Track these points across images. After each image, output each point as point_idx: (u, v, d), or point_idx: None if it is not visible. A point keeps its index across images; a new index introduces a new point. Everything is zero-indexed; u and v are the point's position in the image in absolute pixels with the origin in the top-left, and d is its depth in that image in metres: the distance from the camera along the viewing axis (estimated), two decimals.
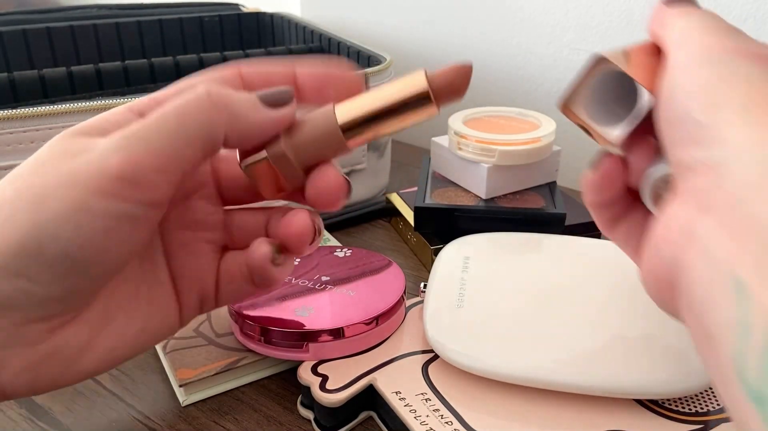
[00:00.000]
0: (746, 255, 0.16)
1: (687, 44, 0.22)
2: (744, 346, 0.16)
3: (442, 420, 0.28)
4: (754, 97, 0.18)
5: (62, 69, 0.53)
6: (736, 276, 0.16)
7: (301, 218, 0.27)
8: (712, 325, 0.17)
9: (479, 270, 0.37)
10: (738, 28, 0.22)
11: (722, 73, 0.20)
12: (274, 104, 0.25)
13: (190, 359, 0.34)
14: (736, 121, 0.18)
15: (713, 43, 0.21)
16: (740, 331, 0.16)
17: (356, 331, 0.33)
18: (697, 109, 0.19)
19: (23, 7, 0.81)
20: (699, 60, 0.21)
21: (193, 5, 0.75)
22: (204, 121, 0.23)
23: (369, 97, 0.25)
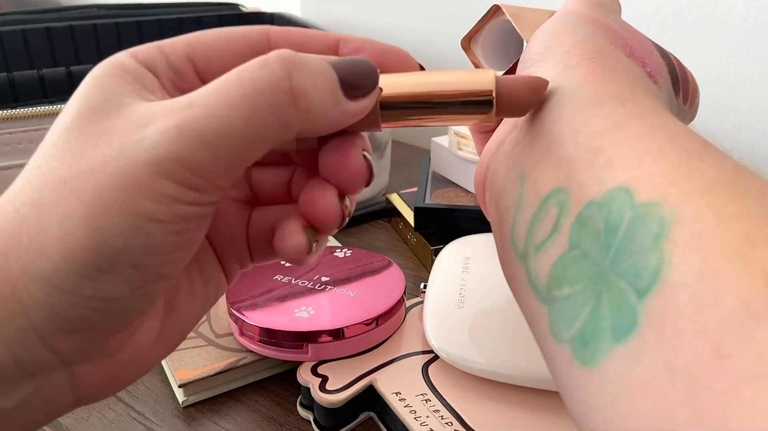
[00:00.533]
0: (531, 155, 0.21)
1: (562, 8, 0.27)
2: (517, 219, 0.21)
3: (442, 421, 0.28)
4: (576, 46, 0.23)
5: (62, 69, 0.53)
6: (522, 170, 0.21)
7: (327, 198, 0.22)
8: (502, 207, 0.22)
9: (479, 271, 0.37)
10: (609, 6, 0.28)
11: (563, 26, 0.24)
12: (356, 93, 0.20)
13: (190, 360, 0.34)
14: (557, 62, 0.22)
15: (576, 8, 0.26)
16: (516, 208, 0.21)
17: (356, 332, 0.33)
18: (538, 50, 0.24)
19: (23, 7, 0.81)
20: (557, 17, 0.25)
21: (192, 5, 0.75)
22: (280, 123, 0.19)
23: (419, 78, 0.22)
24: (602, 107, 0.20)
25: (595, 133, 0.19)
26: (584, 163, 0.19)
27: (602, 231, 0.17)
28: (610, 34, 0.24)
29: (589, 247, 0.17)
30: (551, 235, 0.19)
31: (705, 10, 0.52)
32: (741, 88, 0.51)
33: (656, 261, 0.15)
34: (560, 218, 0.19)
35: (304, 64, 0.19)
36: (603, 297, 0.16)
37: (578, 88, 0.21)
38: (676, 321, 0.14)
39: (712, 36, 0.52)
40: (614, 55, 0.23)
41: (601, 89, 0.20)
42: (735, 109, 0.52)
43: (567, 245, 0.18)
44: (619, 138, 0.19)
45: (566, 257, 0.18)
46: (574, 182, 0.19)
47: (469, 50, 0.29)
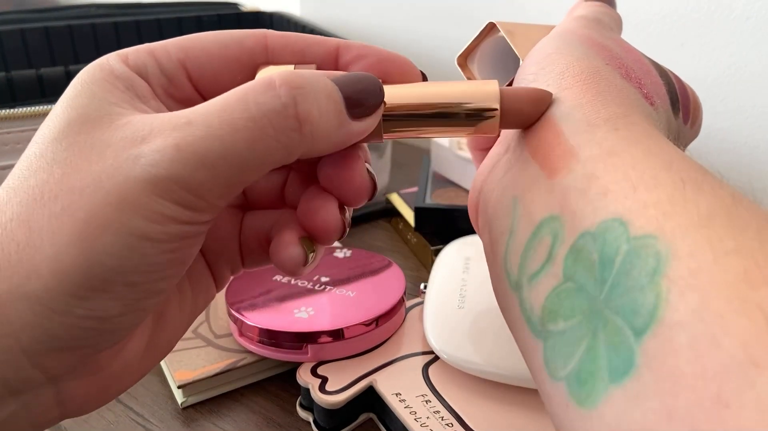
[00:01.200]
0: (524, 180, 0.20)
1: (558, 26, 0.26)
2: (510, 247, 0.20)
3: (442, 422, 0.28)
4: (571, 67, 0.22)
5: (60, 68, 0.53)
6: (514, 195, 0.21)
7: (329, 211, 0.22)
8: (495, 233, 0.21)
9: (480, 271, 0.37)
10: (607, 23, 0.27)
11: (558, 45, 0.24)
12: (361, 113, 0.20)
13: (189, 360, 0.34)
14: (551, 82, 0.22)
15: (572, 27, 0.26)
16: (509, 235, 0.20)
17: (356, 332, 0.32)
18: (532, 71, 0.23)
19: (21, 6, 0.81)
20: (552, 36, 0.25)
21: (191, 4, 0.75)
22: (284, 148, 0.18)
23: (423, 89, 0.21)
24: (595, 132, 0.19)
25: (588, 159, 0.19)
26: (578, 191, 0.18)
27: (597, 264, 0.17)
28: (605, 55, 0.24)
29: (583, 280, 0.17)
30: (545, 265, 0.18)
31: (706, 10, 0.52)
32: (742, 87, 0.51)
33: (653, 299, 0.15)
34: (554, 247, 0.18)
35: (310, 88, 0.19)
36: (599, 335, 0.16)
37: (571, 111, 0.20)
38: (674, 363, 0.14)
39: (714, 36, 0.52)
40: (609, 76, 0.22)
41: (593, 112, 0.20)
42: (736, 109, 0.52)
43: (561, 277, 0.18)
44: (613, 165, 0.18)
45: (561, 289, 0.18)
46: (567, 210, 0.18)
47: (465, 67, 0.29)
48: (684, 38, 0.53)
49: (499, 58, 0.29)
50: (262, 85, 0.18)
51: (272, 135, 0.18)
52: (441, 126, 0.21)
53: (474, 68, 0.28)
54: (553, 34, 0.25)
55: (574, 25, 0.26)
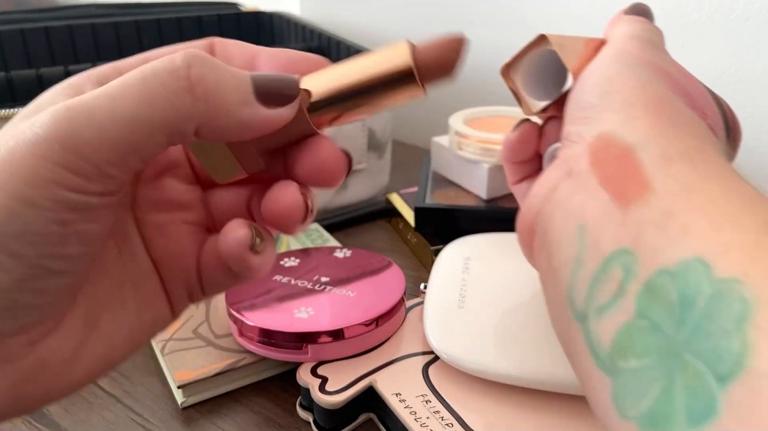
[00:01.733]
0: (592, 209, 0.20)
1: (612, 45, 0.26)
2: (576, 277, 0.20)
3: (442, 422, 0.28)
4: (638, 94, 0.22)
5: (60, 68, 0.53)
6: (581, 224, 0.20)
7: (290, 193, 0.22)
8: (558, 260, 0.21)
9: (480, 271, 0.37)
10: (660, 44, 0.27)
11: (619, 69, 0.23)
12: (272, 101, 0.20)
13: (189, 360, 0.34)
14: (617, 110, 0.22)
15: (630, 48, 0.25)
16: (575, 265, 0.20)
17: (356, 332, 0.32)
18: (594, 94, 0.23)
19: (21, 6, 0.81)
20: (613, 58, 0.24)
21: (191, 4, 0.75)
22: (174, 109, 0.18)
23: (340, 70, 0.21)
24: (671, 165, 0.19)
25: (666, 193, 0.18)
26: (655, 226, 0.18)
27: (676, 304, 0.16)
28: (668, 81, 0.24)
29: (659, 319, 0.16)
30: (615, 300, 0.18)
31: (706, 10, 0.52)
32: (742, 87, 0.51)
33: (739, 346, 0.14)
34: (626, 282, 0.18)
35: (210, 61, 0.19)
36: (676, 377, 0.15)
37: (646, 142, 0.20)
38: (763, 414, 0.13)
39: (714, 36, 0.52)
40: (677, 105, 0.22)
41: (668, 145, 0.20)
42: (736, 109, 0.52)
43: (634, 313, 0.17)
44: (692, 202, 0.18)
45: (633, 326, 0.17)
46: (642, 245, 0.18)
47: (508, 78, 0.29)
48: (684, 39, 0.53)
49: (544, 71, 0.29)
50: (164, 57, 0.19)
51: (162, 93, 0.18)
52: (368, 102, 0.21)
53: (517, 79, 0.29)
54: (611, 56, 0.25)
55: (629, 46, 0.25)
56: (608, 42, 0.27)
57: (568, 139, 0.24)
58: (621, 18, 0.29)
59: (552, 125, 0.29)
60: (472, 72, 0.71)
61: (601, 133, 0.22)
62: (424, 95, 0.21)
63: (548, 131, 0.29)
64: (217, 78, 0.18)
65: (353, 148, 0.51)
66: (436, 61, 0.20)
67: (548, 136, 0.29)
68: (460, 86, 0.75)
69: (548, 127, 0.29)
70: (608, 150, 0.21)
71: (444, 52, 0.21)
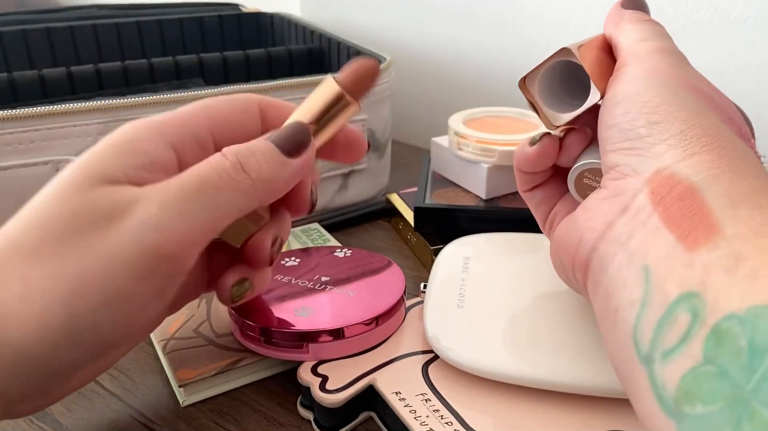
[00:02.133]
0: (657, 249, 0.20)
1: (639, 59, 0.25)
2: (642, 318, 0.20)
3: (442, 421, 0.28)
4: (691, 126, 0.22)
5: (62, 69, 0.53)
6: (646, 265, 0.20)
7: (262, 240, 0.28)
8: (620, 301, 0.21)
9: (479, 271, 0.37)
10: (680, 51, 0.26)
11: (664, 95, 0.23)
12: (296, 152, 0.25)
13: (190, 359, 0.34)
14: (674, 144, 0.21)
15: (660, 65, 0.25)
16: (640, 307, 0.20)
17: (356, 332, 0.33)
18: (640, 123, 0.23)
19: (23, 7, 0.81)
20: (648, 79, 0.24)
21: (192, 5, 0.75)
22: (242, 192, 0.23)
23: (302, 110, 0.27)
24: (739, 208, 0.19)
25: (735, 237, 0.18)
26: (723, 269, 0.18)
27: (745, 351, 0.16)
28: (711, 105, 0.23)
29: (727, 365, 0.16)
30: (681, 344, 0.18)
31: (705, 11, 0.52)
32: (741, 88, 0.52)
33: None
34: (693, 327, 0.18)
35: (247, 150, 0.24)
36: (744, 425, 0.15)
37: (711, 183, 0.20)
38: None
39: (712, 36, 0.52)
40: (731, 138, 0.22)
41: (733, 186, 0.20)
42: None
43: (700, 358, 0.17)
44: (762, 247, 0.17)
45: (699, 371, 0.17)
46: (710, 289, 0.18)
47: (525, 89, 0.29)
48: (683, 38, 0.53)
49: (561, 82, 0.28)
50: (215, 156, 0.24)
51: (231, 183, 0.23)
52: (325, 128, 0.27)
53: (535, 91, 0.29)
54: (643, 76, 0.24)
55: (658, 62, 0.25)
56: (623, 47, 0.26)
57: (618, 170, 0.23)
58: (622, 16, 0.28)
59: (572, 138, 0.29)
60: (472, 72, 0.71)
61: (659, 169, 0.21)
62: (359, 109, 0.28)
63: (568, 144, 0.29)
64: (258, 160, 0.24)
65: None
66: (357, 82, 0.27)
67: (569, 149, 0.29)
68: (459, 86, 0.76)
69: (568, 139, 0.29)
70: (671, 189, 0.20)
71: (360, 75, 0.27)
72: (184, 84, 0.57)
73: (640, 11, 0.29)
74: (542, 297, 0.34)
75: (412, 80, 0.78)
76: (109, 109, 0.41)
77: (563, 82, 0.29)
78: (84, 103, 0.40)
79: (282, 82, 0.46)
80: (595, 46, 0.28)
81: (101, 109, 0.40)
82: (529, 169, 0.30)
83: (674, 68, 0.25)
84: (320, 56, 0.65)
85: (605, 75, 0.27)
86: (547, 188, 0.31)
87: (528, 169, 0.30)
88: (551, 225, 0.31)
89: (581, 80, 0.27)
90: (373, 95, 0.50)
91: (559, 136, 0.29)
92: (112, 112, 0.41)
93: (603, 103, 0.25)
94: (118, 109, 0.41)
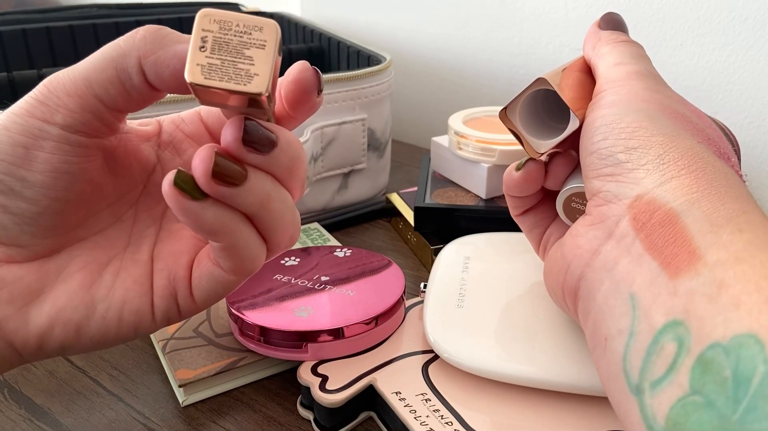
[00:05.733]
0: (641, 277, 0.20)
1: (617, 85, 0.25)
2: (630, 349, 0.20)
3: (442, 421, 0.28)
4: (668, 150, 0.22)
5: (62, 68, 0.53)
6: (632, 293, 0.20)
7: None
8: (609, 330, 0.21)
9: (479, 271, 0.37)
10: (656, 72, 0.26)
11: (641, 121, 0.23)
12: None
13: (190, 359, 0.34)
14: (653, 169, 0.21)
15: (639, 90, 0.25)
16: (628, 337, 0.20)
17: (356, 331, 0.33)
18: (618, 149, 0.23)
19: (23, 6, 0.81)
20: (625, 105, 0.24)
21: (192, 5, 0.75)
22: (118, 50, 0.22)
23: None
24: (720, 233, 0.19)
25: (716, 264, 0.18)
26: (705, 297, 0.18)
27: (729, 381, 0.16)
28: (689, 127, 0.23)
29: (713, 396, 0.16)
30: (668, 374, 0.18)
31: (705, 10, 0.52)
32: (741, 87, 0.52)
33: None
34: (679, 356, 0.18)
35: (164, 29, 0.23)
36: None
37: (690, 208, 0.20)
38: None
39: (712, 36, 0.52)
40: (710, 160, 0.22)
41: (713, 210, 0.19)
42: (735, 109, 0.52)
43: (687, 388, 0.17)
44: (743, 274, 0.18)
45: (687, 402, 0.17)
46: (694, 317, 0.18)
47: (507, 120, 0.29)
48: (683, 38, 0.53)
49: (544, 106, 0.29)
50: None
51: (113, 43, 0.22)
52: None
53: (516, 121, 0.29)
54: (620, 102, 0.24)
55: (636, 87, 0.25)
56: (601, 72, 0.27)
57: (600, 197, 0.23)
58: (600, 37, 0.29)
59: (558, 162, 0.29)
60: (472, 73, 0.71)
61: (639, 195, 0.21)
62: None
63: (554, 168, 0.29)
64: (159, 28, 0.22)
65: (353, 148, 0.51)
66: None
67: (555, 173, 0.29)
68: (459, 86, 0.76)
69: (553, 164, 0.29)
70: (651, 215, 0.21)
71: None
72: None
73: (618, 31, 0.29)
74: (542, 297, 0.34)
75: (412, 80, 0.78)
76: None
77: (546, 106, 0.30)
78: None
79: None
80: (577, 69, 0.28)
81: None
82: (517, 194, 0.30)
83: (651, 92, 0.25)
84: (320, 55, 0.65)
85: (587, 97, 0.27)
86: (538, 212, 0.31)
87: (516, 194, 0.30)
88: (545, 248, 0.31)
89: (562, 104, 0.28)
90: (373, 95, 0.50)
91: (543, 160, 0.29)
92: None
93: (583, 129, 0.26)
94: None
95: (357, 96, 0.49)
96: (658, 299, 0.19)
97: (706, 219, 0.19)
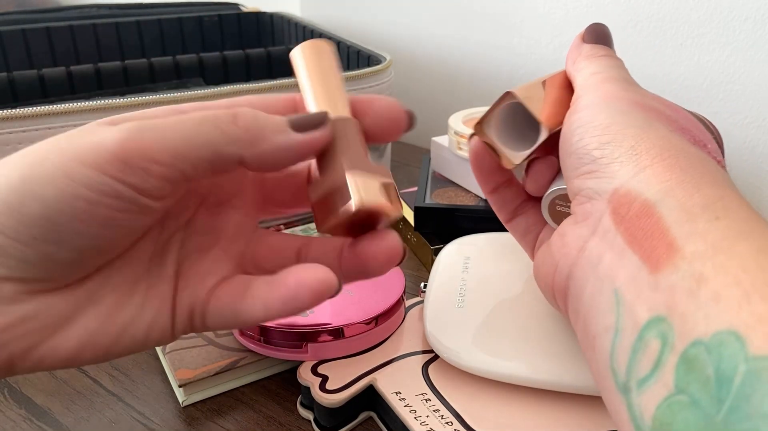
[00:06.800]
0: (624, 271, 0.20)
1: (591, 89, 0.25)
2: (616, 346, 0.19)
3: (442, 421, 0.28)
4: (640, 141, 0.22)
5: (62, 68, 0.53)
6: (616, 289, 0.20)
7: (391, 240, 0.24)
8: (597, 328, 0.21)
9: (479, 271, 0.37)
10: (632, 79, 0.27)
11: (614, 115, 0.23)
12: (305, 127, 0.23)
13: (190, 359, 0.34)
14: (625, 161, 0.22)
15: (612, 90, 0.25)
16: (614, 334, 0.20)
17: (356, 331, 0.33)
18: (593, 146, 0.23)
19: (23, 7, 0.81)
20: (599, 105, 0.24)
21: (192, 5, 0.75)
22: (220, 134, 0.21)
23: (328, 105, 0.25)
24: (696, 222, 0.19)
25: (694, 255, 0.18)
26: (686, 292, 0.18)
27: (713, 380, 0.16)
28: (663, 119, 0.23)
29: (698, 395, 0.16)
30: (654, 372, 0.18)
31: (705, 10, 0.52)
32: (740, 87, 0.52)
33: None
34: (663, 353, 0.18)
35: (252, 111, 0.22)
36: None
37: (664, 197, 0.20)
38: None
39: (712, 35, 0.52)
40: (683, 146, 0.22)
41: (687, 198, 0.19)
42: (735, 109, 0.52)
43: (672, 387, 0.17)
44: (722, 265, 0.17)
45: (673, 401, 0.17)
46: (675, 313, 0.18)
47: (482, 134, 0.29)
48: (682, 38, 0.53)
49: (515, 123, 0.29)
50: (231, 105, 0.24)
51: (212, 126, 0.21)
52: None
53: (492, 134, 0.29)
54: (595, 102, 0.25)
55: (610, 88, 0.25)
56: (578, 83, 0.27)
57: (582, 195, 0.23)
58: (581, 51, 0.29)
59: (537, 167, 0.29)
60: (472, 72, 0.71)
61: (616, 188, 0.21)
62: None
63: (535, 174, 0.29)
64: (257, 116, 0.22)
65: None
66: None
67: (536, 178, 0.29)
68: (459, 86, 0.76)
69: (533, 169, 0.30)
70: (629, 207, 0.20)
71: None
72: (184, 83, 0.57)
73: (600, 45, 0.29)
74: (542, 297, 0.34)
75: (412, 80, 0.78)
76: (109, 108, 0.41)
77: (525, 118, 0.30)
78: (84, 103, 0.40)
79: (282, 81, 0.47)
80: (558, 84, 0.29)
81: (101, 108, 0.40)
82: (475, 170, 0.31)
83: (624, 91, 0.25)
84: None
85: (559, 108, 0.28)
86: (529, 217, 0.31)
87: (475, 170, 0.31)
88: None
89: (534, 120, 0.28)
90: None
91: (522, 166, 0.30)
92: (112, 111, 0.41)
93: (561, 135, 0.26)
94: (118, 109, 0.41)
95: None
96: (641, 294, 0.19)
97: (680, 207, 0.19)
